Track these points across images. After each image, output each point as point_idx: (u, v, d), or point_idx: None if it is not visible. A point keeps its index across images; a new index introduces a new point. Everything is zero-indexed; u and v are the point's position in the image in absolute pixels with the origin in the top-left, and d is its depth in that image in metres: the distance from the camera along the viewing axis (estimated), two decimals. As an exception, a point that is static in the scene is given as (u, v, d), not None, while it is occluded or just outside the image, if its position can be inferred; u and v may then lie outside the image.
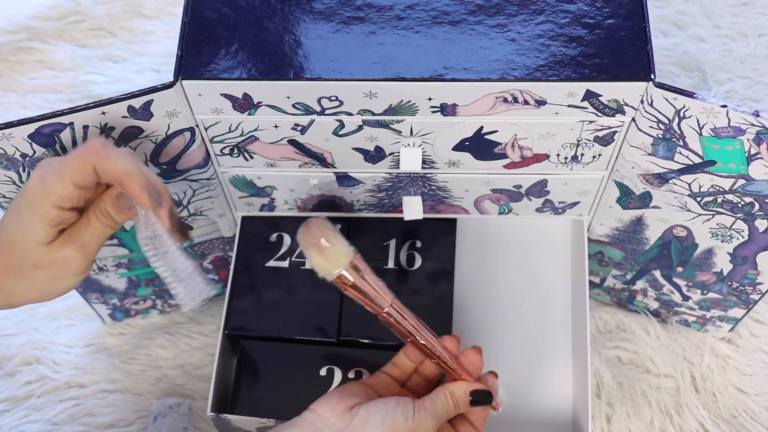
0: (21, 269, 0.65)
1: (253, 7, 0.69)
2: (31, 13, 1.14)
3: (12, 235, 0.64)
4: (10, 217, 0.65)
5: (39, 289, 0.66)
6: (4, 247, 0.65)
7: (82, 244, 0.65)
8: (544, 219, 0.86)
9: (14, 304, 0.67)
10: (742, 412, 0.92)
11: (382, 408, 0.67)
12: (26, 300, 0.67)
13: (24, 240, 0.64)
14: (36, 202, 0.63)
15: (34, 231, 0.64)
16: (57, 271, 0.66)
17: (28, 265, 0.65)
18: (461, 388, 0.70)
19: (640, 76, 0.65)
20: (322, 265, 0.68)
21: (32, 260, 0.65)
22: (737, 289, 0.86)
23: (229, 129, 0.72)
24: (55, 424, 0.92)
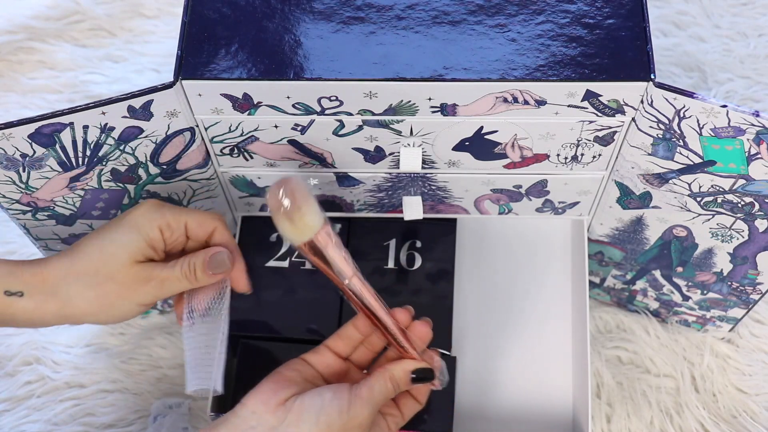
0: (95, 276, 0.67)
1: (253, 7, 0.69)
2: (31, 13, 1.14)
3: (104, 243, 0.68)
4: (108, 228, 0.69)
5: (101, 303, 0.67)
6: (87, 252, 0.67)
7: (160, 280, 0.68)
8: (544, 219, 0.86)
9: (64, 315, 0.68)
10: (742, 412, 0.92)
11: (317, 401, 0.65)
12: (80, 310, 0.67)
13: (116, 248, 0.67)
14: (144, 219, 0.68)
15: (129, 243, 0.67)
16: (126, 291, 0.67)
17: (105, 274, 0.67)
18: (402, 368, 0.69)
19: (640, 76, 0.65)
20: (289, 232, 0.66)
21: (111, 271, 0.67)
22: (737, 289, 0.86)
23: (229, 129, 0.72)
24: (55, 424, 0.92)
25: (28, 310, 0.67)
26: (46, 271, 0.67)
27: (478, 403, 0.84)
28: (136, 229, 0.68)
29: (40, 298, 0.67)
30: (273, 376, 0.68)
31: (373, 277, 0.83)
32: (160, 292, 0.69)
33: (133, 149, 0.71)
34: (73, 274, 0.67)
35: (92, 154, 0.70)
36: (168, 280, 0.69)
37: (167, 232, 0.70)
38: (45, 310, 0.67)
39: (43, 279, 0.67)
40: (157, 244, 0.69)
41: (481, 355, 0.86)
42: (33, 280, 0.67)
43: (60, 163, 0.70)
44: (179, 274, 0.69)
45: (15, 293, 0.66)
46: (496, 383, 0.85)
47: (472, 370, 0.85)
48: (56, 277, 0.67)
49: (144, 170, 0.74)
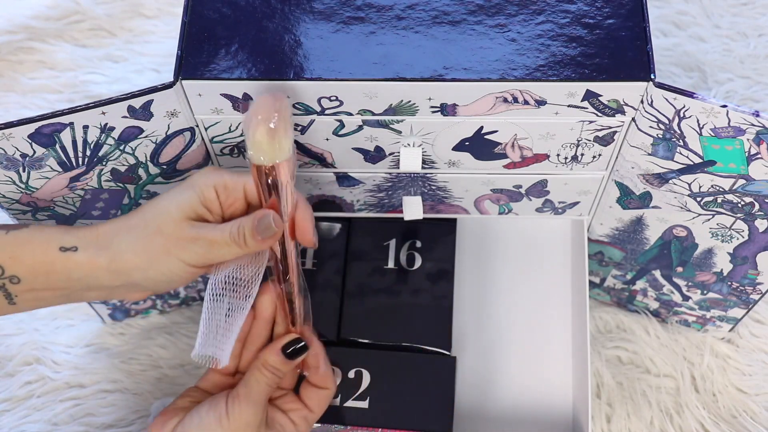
0: (145, 228, 0.66)
1: (253, 7, 0.69)
2: (31, 13, 1.14)
3: (159, 200, 0.67)
4: (168, 191, 0.68)
5: (149, 255, 0.66)
6: (142, 209, 0.67)
7: (208, 241, 0.66)
8: (544, 219, 0.86)
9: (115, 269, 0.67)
10: (742, 412, 0.92)
11: (195, 419, 0.67)
12: (129, 263, 0.66)
13: (168, 203, 0.66)
14: (200, 178, 0.67)
15: (182, 200, 0.66)
16: (173, 247, 0.66)
17: (154, 227, 0.66)
18: (271, 350, 0.69)
19: (640, 76, 0.65)
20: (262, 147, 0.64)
21: (161, 224, 0.66)
22: (737, 289, 0.86)
23: (229, 129, 0.72)
24: (55, 424, 0.92)
25: (82, 265, 0.66)
26: (101, 227, 0.67)
27: (478, 403, 0.84)
28: (191, 187, 0.67)
29: (92, 252, 0.66)
30: (164, 409, 0.70)
31: (373, 277, 0.83)
32: (209, 255, 0.67)
33: (133, 149, 0.71)
34: (125, 228, 0.67)
35: (92, 154, 0.70)
36: (216, 242, 0.66)
37: (223, 193, 0.68)
38: (97, 264, 0.66)
39: (97, 234, 0.67)
40: (212, 204, 0.68)
41: (481, 355, 0.86)
42: (87, 235, 0.67)
43: (60, 163, 0.70)
44: (227, 237, 0.66)
45: (69, 248, 0.66)
46: (496, 383, 0.85)
47: (472, 370, 0.85)
48: (109, 231, 0.67)
49: (144, 170, 0.74)
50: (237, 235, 0.66)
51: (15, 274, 0.65)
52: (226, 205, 0.68)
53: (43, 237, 0.66)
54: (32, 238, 0.66)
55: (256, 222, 0.66)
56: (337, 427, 0.78)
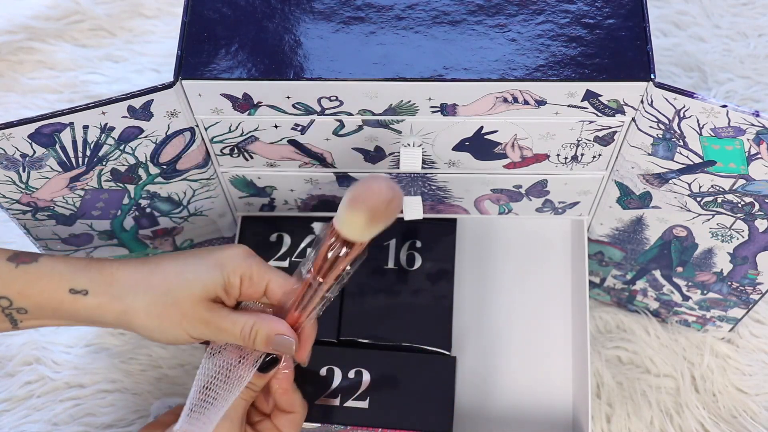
0: (166, 295, 0.66)
1: (253, 7, 0.69)
2: (31, 13, 1.14)
3: (185, 269, 0.67)
4: (193, 255, 0.69)
5: (160, 322, 0.66)
6: (166, 270, 0.67)
7: (218, 328, 0.67)
8: (544, 219, 0.86)
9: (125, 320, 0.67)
10: (742, 412, 0.92)
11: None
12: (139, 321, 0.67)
13: (194, 278, 0.67)
14: (230, 263, 0.68)
15: (208, 280, 0.67)
16: (185, 322, 0.67)
17: (174, 298, 0.66)
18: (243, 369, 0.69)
19: (640, 76, 0.65)
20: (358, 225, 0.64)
21: (181, 298, 0.66)
22: (737, 289, 0.86)
23: (229, 129, 0.72)
24: (55, 424, 0.92)
25: (90, 308, 0.66)
26: (117, 273, 0.67)
27: (478, 403, 0.84)
28: (220, 269, 0.67)
29: (104, 299, 0.66)
30: (146, 425, 0.71)
31: (373, 277, 0.83)
32: (216, 338, 0.68)
33: (133, 149, 0.71)
34: (144, 286, 0.66)
35: (92, 154, 0.70)
36: (226, 332, 0.67)
37: (247, 283, 0.68)
38: (107, 309, 0.66)
39: (112, 282, 0.66)
40: (233, 291, 0.68)
41: (481, 355, 0.86)
42: (101, 279, 0.66)
43: (60, 163, 0.70)
44: (238, 334, 0.67)
45: (80, 291, 0.66)
46: (496, 383, 0.85)
47: (472, 370, 0.85)
48: (127, 282, 0.66)
49: (144, 170, 0.74)
50: (248, 336, 0.68)
51: (23, 307, 0.66)
52: (245, 293, 0.69)
53: (53, 276, 0.65)
54: (41, 275, 0.65)
55: (275, 337, 0.68)
56: (337, 427, 0.78)
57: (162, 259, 0.69)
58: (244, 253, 0.69)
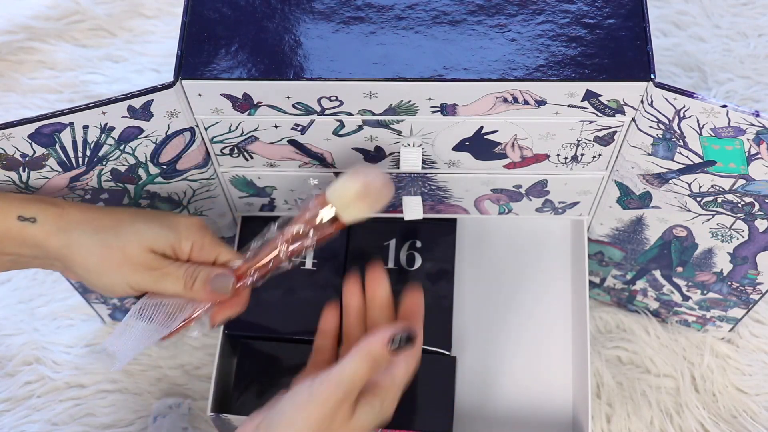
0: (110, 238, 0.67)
1: (253, 7, 0.69)
2: (31, 13, 1.14)
3: (137, 219, 0.68)
4: (149, 213, 0.70)
5: (100, 263, 0.67)
6: (119, 217, 0.68)
7: (162, 273, 0.68)
8: (544, 219, 0.86)
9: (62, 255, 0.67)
10: (742, 412, 0.92)
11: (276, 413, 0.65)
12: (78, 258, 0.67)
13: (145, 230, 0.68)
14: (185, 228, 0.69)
15: (159, 236, 0.68)
16: (127, 267, 0.67)
17: (119, 243, 0.67)
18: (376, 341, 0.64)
19: (640, 76, 0.65)
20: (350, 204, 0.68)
21: (127, 243, 0.67)
22: (737, 289, 0.86)
23: (229, 129, 0.72)
24: (55, 424, 0.92)
25: (35, 236, 0.66)
26: (69, 209, 0.67)
27: (478, 403, 0.84)
28: (174, 230, 0.69)
29: (50, 229, 0.66)
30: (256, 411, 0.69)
31: (373, 277, 0.83)
32: (155, 284, 0.68)
33: (133, 149, 0.71)
34: (92, 224, 0.67)
35: (92, 154, 0.70)
36: (167, 275, 0.68)
37: (196, 251, 0.70)
38: (52, 240, 0.67)
39: (62, 214, 0.67)
40: (181, 254, 0.70)
41: (481, 355, 0.86)
42: (51, 210, 0.67)
43: (60, 163, 0.70)
44: (181, 274, 0.68)
45: (28, 218, 0.66)
46: (496, 383, 0.85)
47: (472, 370, 0.85)
48: (75, 217, 0.67)
49: (144, 170, 0.74)
50: (189, 278, 0.69)
51: None
52: (194, 257, 0.70)
53: (3, 203, 0.66)
54: None
55: (213, 276, 0.69)
56: (337, 427, 0.77)
57: (117, 208, 0.70)
58: (199, 224, 0.70)
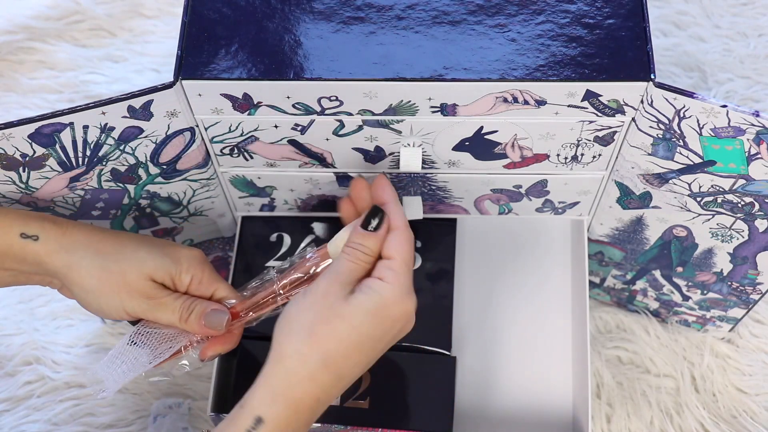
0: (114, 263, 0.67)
1: (253, 7, 0.69)
2: (31, 13, 1.14)
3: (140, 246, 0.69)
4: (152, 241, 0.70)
5: (99, 287, 0.67)
6: (122, 242, 0.69)
7: (158, 302, 0.69)
8: (544, 219, 0.86)
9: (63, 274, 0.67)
10: (742, 412, 0.92)
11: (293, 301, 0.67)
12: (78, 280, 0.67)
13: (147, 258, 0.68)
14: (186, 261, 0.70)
15: (160, 266, 0.69)
16: (125, 294, 0.68)
17: (120, 269, 0.67)
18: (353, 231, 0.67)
19: (640, 76, 0.65)
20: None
21: (128, 269, 0.67)
22: (737, 289, 0.86)
23: (229, 129, 0.72)
24: (55, 424, 0.92)
25: (38, 254, 0.67)
26: (72, 229, 0.68)
27: (478, 403, 0.84)
28: (175, 261, 0.69)
29: (52, 247, 0.67)
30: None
31: (373, 277, 0.83)
32: (150, 312, 0.69)
33: (133, 149, 0.71)
34: (96, 247, 0.68)
35: (92, 154, 0.70)
36: (164, 306, 0.69)
37: (195, 285, 0.70)
38: (54, 258, 0.67)
39: (65, 233, 0.67)
40: (180, 285, 0.70)
41: (481, 355, 0.86)
42: (53, 229, 0.67)
43: (60, 163, 0.70)
44: (177, 306, 0.69)
45: (30, 236, 0.67)
46: (496, 383, 0.85)
47: (472, 370, 0.85)
48: (79, 239, 0.68)
49: (144, 170, 0.74)
50: (185, 311, 0.69)
51: None
52: (192, 291, 0.71)
53: (5, 220, 0.67)
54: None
55: (208, 311, 0.69)
56: (337, 426, 0.77)
57: (120, 232, 0.70)
58: (200, 258, 0.71)
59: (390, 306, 0.65)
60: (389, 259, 0.66)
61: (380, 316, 0.65)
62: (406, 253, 0.67)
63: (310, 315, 0.64)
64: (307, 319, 0.64)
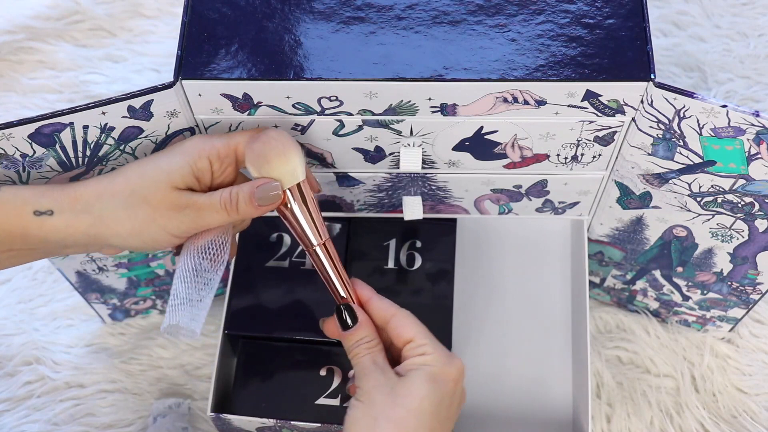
0: (130, 196, 0.65)
1: (253, 7, 0.69)
2: (31, 13, 1.14)
3: (146, 166, 0.66)
4: (155, 155, 0.67)
5: (132, 224, 0.65)
6: (126, 174, 0.66)
7: (197, 208, 0.65)
8: (544, 219, 0.86)
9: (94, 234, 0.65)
10: (742, 412, 0.92)
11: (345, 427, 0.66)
12: (109, 230, 0.65)
13: (157, 171, 0.65)
14: (192, 147, 0.66)
15: (173, 169, 0.65)
16: (159, 217, 0.65)
17: (140, 196, 0.65)
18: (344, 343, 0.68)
19: (640, 76, 0.65)
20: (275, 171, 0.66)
21: (147, 193, 0.65)
22: (737, 289, 0.86)
23: (229, 129, 0.72)
24: (55, 424, 0.92)
25: (58, 229, 0.65)
26: (80, 189, 0.65)
27: (479, 403, 0.84)
28: (183, 155, 0.66)
29: (69, 216, 0.64)
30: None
31: (373, 277, 0.83)
32: (195, 223, 0.66)
33: (133, 149, 0.71)
34: (108, 193, 0.65)
35: (92, 154, 0.70)
36: (205, 208, 0.65)
37: (216, 162, 0.67)
38: (75, 227, 0.65)
39: (76, 197, 0.65)
40: (204, 175, 0.67)
41: (481, 355, 0.86)
42: (64, 198, 0.65)
43: (60, 163, 0.70)
44: (218, 204, 0.65)
45: (44, 212, 0.64)
46: (496, 383, 0.85)
47: (472, 370, 0.85)
48: (90, 195, 0.65)
49: (144, 170, 0.74)
50: (229, 202, 0.66)
51: None
52: (217, 174, 0.67)
53: (16, 201, 0.64)
54: (4, 201, 0.64)
55: (257, 187, 0.66)
56: (337, 427, 0.78)
57: (123, 167, 0.67)
58: (203, 136, 0.68)
59: (446, 375, 0.66)
60: (410, 341, 0.68)
61: (441, 387, 0.65)
62: (418, 326, 0.68)
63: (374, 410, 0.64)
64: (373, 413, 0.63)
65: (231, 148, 0.67)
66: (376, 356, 0.67)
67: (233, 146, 0.67)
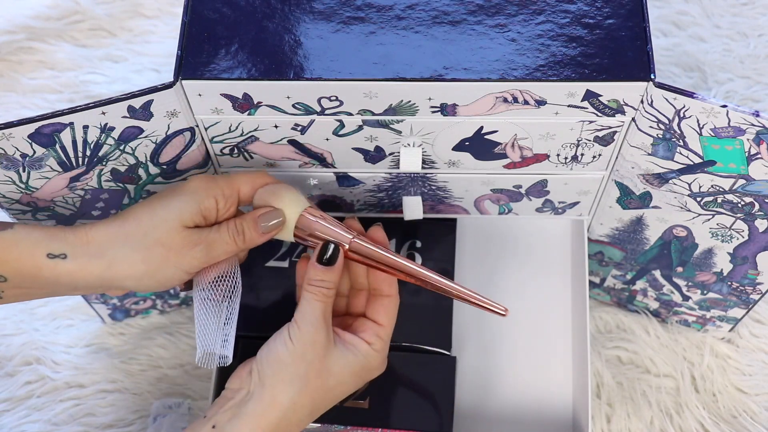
0: (143, 239, 0.66)
1: (253, 7, 0.69)
2: (31, 13, 1.14)
3: (155, 208, 0.67)
4: (160, 195, 0.69)
5: (147, 266, 0.66)
6: (137, 216, 0.67)
7: (208, 243, 0.68)
8: (544, 219, 0.86)
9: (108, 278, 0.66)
10: (742, 412, 0.92)
11: (264, 350, 0.69)
12: (123, 273, 0.66)
13: (167, 212, 0.67)
14: (200, 188, 0.68)
15: (182, 209, 0.67)
16: (174, 256, 0.67)
17: (153, 238, 0.66)
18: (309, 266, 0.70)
19: (640, 76, 0.65)
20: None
21: (160, 234, 0.66)
22: (737, 289, 0.86)
23: (229, 129, 0.72)
24: (55, 424, 0.92)
25: (71, 272, 0.65)
26: (91, 233, 0.66)
27: (478, 403, 0.84)
28: (191, 195, 0.68)
29: (83, 260, 0.65)
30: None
31: (373, 277, 0.83)
32: (207, 257, 0.68)
33: (133, 149, 0.71)
34: (120, 236, 0.66)
35: (92, 154, 0.70)
36: (215, 242, 0.68)
37: (221, 201, 0.69)
38: (88, 271, 0.66)
39: (88, 241, 0.66)
40: (210, 213, 0.69)
41: (481, 355, 0.86)
42: (77, 241, 0.66)
43: (60, 163, 0.70)
44: (227, 235, 0.68)
45: (58, 255, 0.65)
46: (496, 383, 0.85)
47: (472, 370, 0.85)
48: (102, 239, 0.66)
49: (144, 170, 0.74)
50: (236, 233, 0.69)
51: (2, 274, 0.65)
52: (222, 212, 0.70)
53: (29, 242, 0.65)
54: (18, 241, 0.65)
55: (259, 216, 0.69)
56: (337, 427, 0.78)
57: (132, 208, 0.69)
58: (207, 177, 0.70)
59: (372, 370, 0.72)
60: (379, 325, 0.72)
61: (362, 377, 0.71)
62: (393, 321, 0.73)
63: (303, 366, 0.67)
64: (302, 369, 0.67)
65: (234, 188, 0.70)
66: (327, 307, 0.69)
67: (236, 186, 0.70)
